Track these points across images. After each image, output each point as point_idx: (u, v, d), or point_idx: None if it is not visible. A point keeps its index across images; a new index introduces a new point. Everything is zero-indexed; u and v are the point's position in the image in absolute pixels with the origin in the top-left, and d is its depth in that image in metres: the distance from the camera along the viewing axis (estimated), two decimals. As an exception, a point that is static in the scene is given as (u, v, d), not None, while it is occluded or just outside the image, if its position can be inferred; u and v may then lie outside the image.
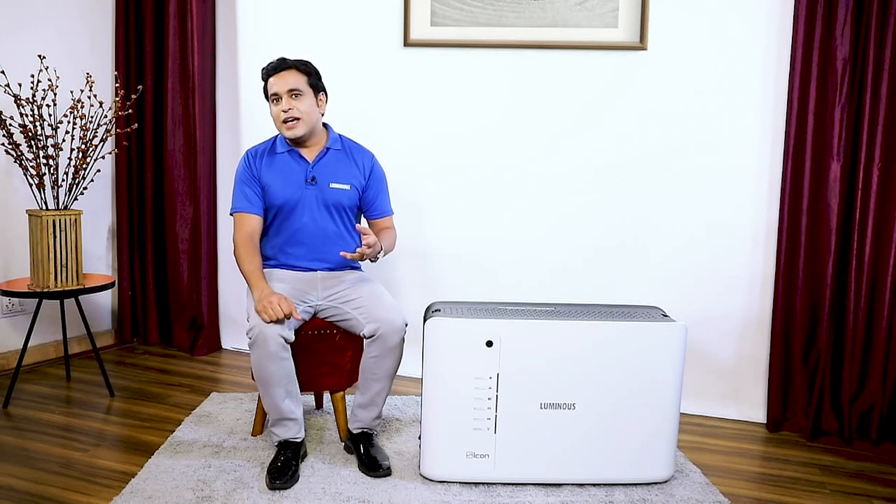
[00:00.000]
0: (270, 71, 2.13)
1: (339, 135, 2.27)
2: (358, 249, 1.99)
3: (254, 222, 2.16)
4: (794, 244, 2.48)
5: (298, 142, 2.17)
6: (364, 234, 1.99)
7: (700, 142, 2.68)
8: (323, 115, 2.21)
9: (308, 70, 2.14)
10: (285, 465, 1.96)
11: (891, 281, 2.35)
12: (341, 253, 2.04)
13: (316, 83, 2.16)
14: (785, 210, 2.47)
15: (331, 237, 2.19)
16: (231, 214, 2.21)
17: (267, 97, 2.17)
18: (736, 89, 2.62)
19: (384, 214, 2.29)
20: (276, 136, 2.23)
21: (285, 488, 1.91)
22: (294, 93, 2.09)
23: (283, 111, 2.09)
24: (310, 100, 2.12)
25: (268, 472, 1.95)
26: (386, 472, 2.01)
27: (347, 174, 2.20)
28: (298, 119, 2.09)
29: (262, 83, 2.17)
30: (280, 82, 2.09)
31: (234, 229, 2.19)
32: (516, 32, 2.79)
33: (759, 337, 2.63)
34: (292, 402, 2.03)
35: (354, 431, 2.14)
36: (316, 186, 2.16)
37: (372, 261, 2.06)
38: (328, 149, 2.20)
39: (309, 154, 2.19)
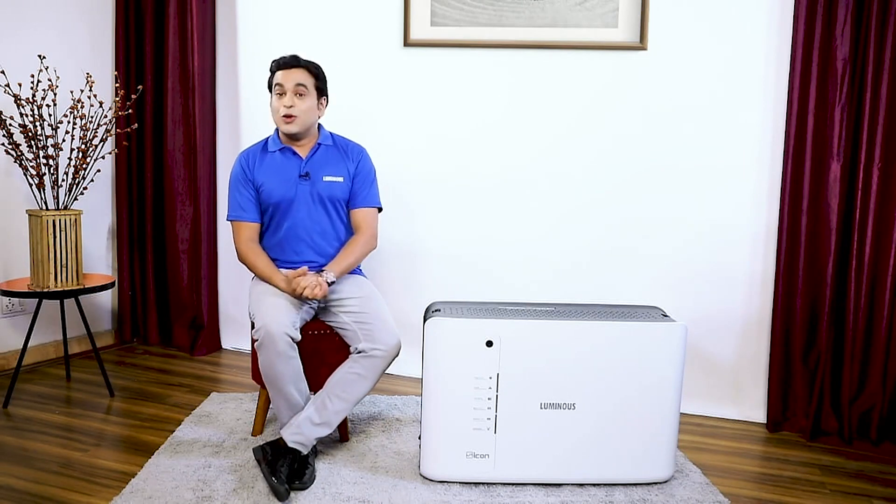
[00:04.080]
0: (282, 65, 2.17)
1: (331, 133, 2.32)
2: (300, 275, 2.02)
3: (251, 229, 2.22)
4: (794, 244, 2.48)
5: (292, 139, 2.21)
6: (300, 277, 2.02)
7: (700, 142, 2.68)
8: (320, 118, 2.26)
9: (317, 73, 2.21)
10: (302, 466, 1.95)
11: (891, 281, 2.35)
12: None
13: (321, 87, 2.23)
14: (785, 210, 2.47)
15: (326, 232, 2.22)
16: (228, 220, 2.25)
17: (270, 88, 2.21)
18: (736, 89, 2.61)
19: (365, 205, 2.24)
20: (268, 136, 2.29)
21: (304, 488, 1.90)
22: (299, 91, 2.14)
23: (285, 106, 2.13)
24: (311, 101, 2.18)
25: (286, 476, 1.88)
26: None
27: (339, 167, 2.24)
28: (296, 117, 2.15)
29: (269, 74, 2.21)
30: (290, 77, 2.15)
31: (233, 235, 2.24)
32: (516, 32, 2.79)
33: (759, 337, 2.63)
34: (304, 401, 2.03)
35: (290, 444, 1.94)
36: (309, 181, 2.20)
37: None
38: (319, 144, 2.25)
39: (302, 151, 2.24)
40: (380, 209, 2.30)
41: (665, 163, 2.72)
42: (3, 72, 2.56)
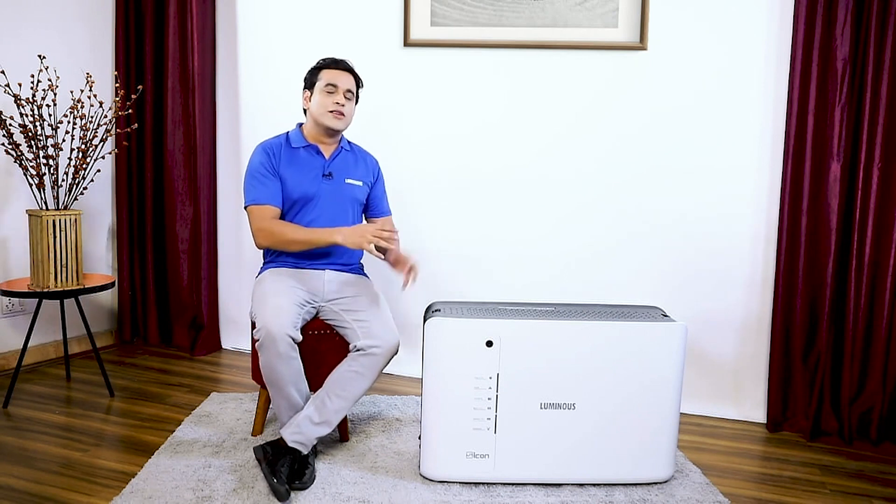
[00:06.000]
0: (332, 64, 2.25)
1: (348, 140, 2.38)
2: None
3: (275, 213, 2.16)
4: (794, 244, 2.48)
5: (323, 137, 2.25)
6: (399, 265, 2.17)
7: (700, 142, 2.68)
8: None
9: (360, 83, 2.33)
10: (302, 466, 1.96)
11: (891, 281, 2.35)
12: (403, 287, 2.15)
13: (358, 95, 2.34)
14: (785, 210, 2.48)
15: None
16: (246, 207, 2.17)
17: (308, 85, 2.26)
18: (736, 89, 2.62)
19: (386, 214, 2.41)
20: (287, 132, 2.29)
21: (304, 488, 1.90)
22: (349, 94, 2.25)
23: (338, 103, 2.21)
24: (353, 106, 2.30)
25: (286, 476, 1.89)
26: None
27: (359, 172, 2.32)
28: (345, 115, 2.23)
29: (314, 70, 2.25)
30: (343, 78, 2.23)
31: (251, 221, 2.15)
32: (516, 32, 2.79)
33: (759, 337, 2.63)
34: (304, 401, 2.03)
35: (289, 443, 1.95)
36: (332, 181, 2.24)
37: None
38: (341, 149, 2.31)
39: (325, 151, 2.28)
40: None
41: (665, 163, 2.72)
42: (3, 72, 2.56)
